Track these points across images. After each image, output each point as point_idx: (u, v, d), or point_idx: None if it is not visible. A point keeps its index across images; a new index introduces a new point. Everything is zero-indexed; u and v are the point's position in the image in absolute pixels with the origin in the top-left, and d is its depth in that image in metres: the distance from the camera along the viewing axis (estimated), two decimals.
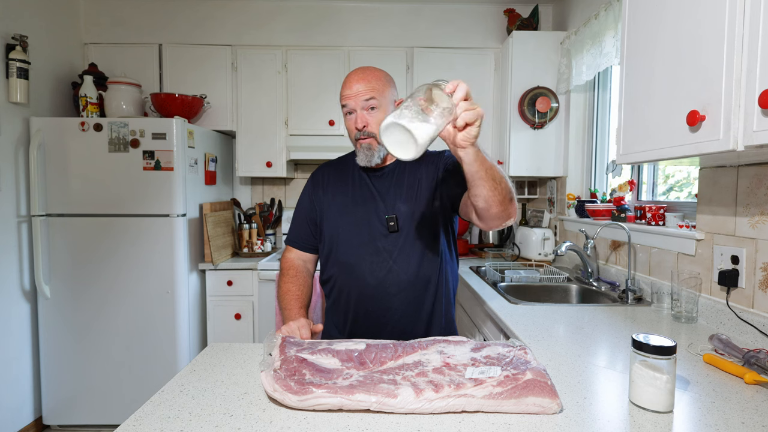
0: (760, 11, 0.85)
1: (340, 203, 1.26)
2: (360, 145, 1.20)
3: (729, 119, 0.91)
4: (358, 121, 1.17)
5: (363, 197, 1.24)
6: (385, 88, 1.19)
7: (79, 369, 2.32)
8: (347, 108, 1.19)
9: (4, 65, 2.20)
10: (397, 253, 1.19)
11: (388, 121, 0.75)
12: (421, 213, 1.20)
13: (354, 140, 1.21)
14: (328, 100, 2.76)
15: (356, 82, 1.17)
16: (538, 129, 2.57)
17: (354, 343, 0.97)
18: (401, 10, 2.85)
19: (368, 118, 1.17)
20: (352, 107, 1.18)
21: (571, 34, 2.37)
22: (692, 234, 1.46)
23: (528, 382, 0.78)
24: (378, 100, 1.17)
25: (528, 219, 2.97)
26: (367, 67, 1.22)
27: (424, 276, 1.21)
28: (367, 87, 1.16)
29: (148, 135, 2.28)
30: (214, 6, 2.79)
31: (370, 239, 1.20)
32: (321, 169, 1.36)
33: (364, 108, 1.17)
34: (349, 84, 1.18)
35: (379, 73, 1.20)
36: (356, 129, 1.18)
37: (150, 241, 2.31)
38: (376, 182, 1.25)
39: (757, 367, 0.96)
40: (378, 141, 1.18)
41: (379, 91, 1.17)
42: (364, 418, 0.75)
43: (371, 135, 1.18)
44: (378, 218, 1.21)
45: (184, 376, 0.93)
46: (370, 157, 1.20)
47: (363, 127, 1.17)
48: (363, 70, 1.20)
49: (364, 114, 1.17)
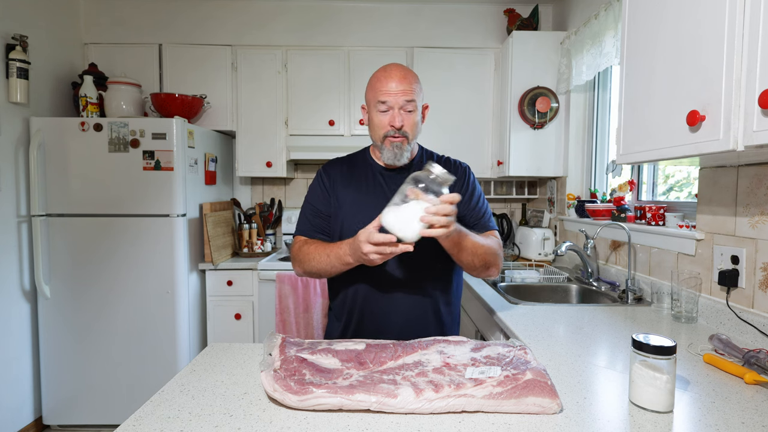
0: (760, 11, 0.85)
1: (354, 201, 1.24)
2: (390, 143, 1.19)
3: (729, 119, 0.91)
4: (396, 120, 1.17)
5: (377, 197, 1.22)
6: (420, 91, 1.21)
7: (79, 369, 2.32)
8: (387, 104, 1.17)
9: (4, 65, 2.20)
10: (408, 258, 1.17)
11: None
12: None
13: (382, 137, 1.20)
14: (328, 100, 2.76)
15: (399, 80, 1.17)
16: (538, 129, 2.57)
17: (354, 343, 0.97)
18: (401, 10, 2.85)
19: (405, 118, 1.18)
20: (391, 104, 1.17)
21: (571, 34, 2.37)
22: (692, 234, 1.46)
23: (528, 382, 0.78)
24: (415, 103, 1.18)
25: (528, 219, 2.97)
26: (403, 66, 1.22)
27: (432, 282, 1.21)
28: (408, 88, 1.17)
29: (148, 135, 2.28)
30: (214, 6, 2.80)
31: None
32: (334, 165, 1.33)
33: (403, 108, 1.17)
34: (389, 80, 1.17)
35: (415, 76, 1.21)
36: (391, 126, 1.18)
37: (150, 241, 2.31)
38: (391, 183, 1.24)
39: (757, 367, 0.96)
40: (408, 141, 1.20)
41: (417, 93, 1.19)
42: (364, 418, 0.75)
43: (404, 135, 1.18)
44: None
45: (184, 376, 0.93)
46: (399, 156, 1.20)
47: (401, 126, 1.17)
48: (402, 69, 1.20)
49: (402, 113, 1.18)
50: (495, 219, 2.84)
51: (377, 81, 1.19)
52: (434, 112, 2.74)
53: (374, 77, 1.21)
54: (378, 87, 1.18)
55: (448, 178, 0.97)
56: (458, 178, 1.28)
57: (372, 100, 1.20)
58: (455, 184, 1.26)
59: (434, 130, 2.73)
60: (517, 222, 3.09)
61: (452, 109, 2.76)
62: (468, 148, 2.78)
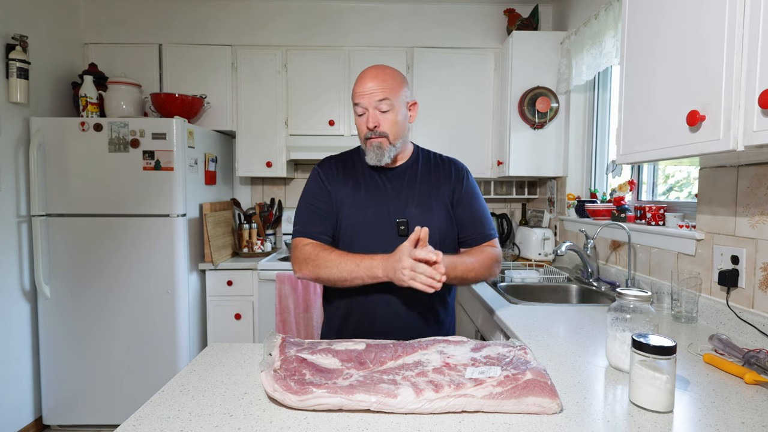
0: (760, 11, 0.85)
1: (353, 200, 1.22)
2: (370, 144, 1.18)
3: (729, 119, 0.91)
4: (370, 121, 1.16)
5: (375, 196, 1.21)
6: (398, 88, 1.18)
7: (79, 369, 2.32)
8: (361, 106, 1.17)
9: (4, 65, 2.20)
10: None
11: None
12: (431, 220, 1.18)
13: (364, 139, 1.20)
14: (328, 100, 2.76)
15: (370, 80, 1.15)
16: (538, 129, 2.57)
17: (354, 343, 0.97)
18: (401, 10, 2.85)
19: (380, 119, 1.16)
20: (364, 106, 1.16)
21: (571, 34, 2.37)
22: (692, 234, 1.46)
23: (528, 382, 0.78)
24: (391, 101, 1.16)
25: (528, 219, 2.97)
26: (381, 65, 1.20)
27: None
28: (381, 87, 1.15)
29: (148, 135, 2.28)
30: (214, 6, 2.79)
31: (380, 241, 1.17)
32: (330, 162, 1.29)
33: (377, 108, 1.16)
34: (362, 82, 1.16)
35: (394, 73, 1.19)
36: (367, 128, 1.17)
37: (150, 241, 2.31)
38: (388, 182, 1.23)
39: (757, 367, 0.96)
40: (389, 141, 1.17)
41: (392, 91, 1.16)
42: (364, 418, 0.75)
43: (383, 135, 1.16)
44: (389, 220, 1.19)
45: (184, 376, 0.93)
46: (380, 157, 1.18)
47: (374, 127, 1.16)
48: (377, 68, 1.18)
49: (376, 114, 1.16)
50: (495, 219, 2.84)
51: (355, 84, 1.19)
52: (434, 112, 2.74)
53: (355, 80, 1.21)
54: (354, 90, 1.18)
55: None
56: (457, 179, 1.26)
57: (353, 104, 1.20)
58: (455, 184, 1.26)
59: (434, 129, 2.74)
60: (517, 222, 3.09)
61: (452, 109, 2.76)
62: (468, 148, 2.78)
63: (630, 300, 0.96)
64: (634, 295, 0.95)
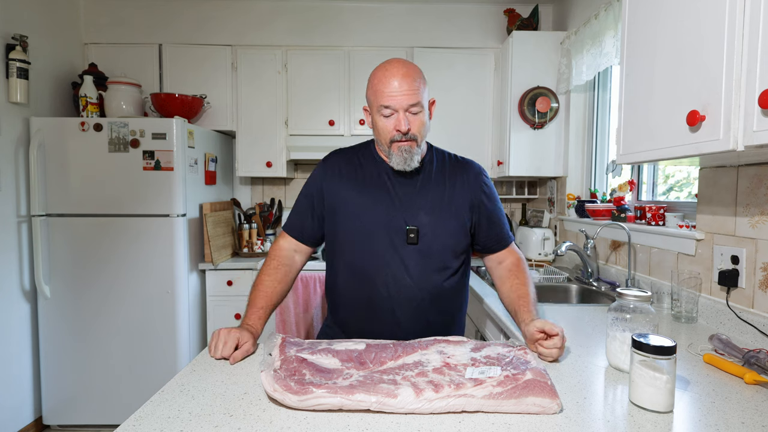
0: (760, 11, 0.85)
1: (356, 201, 1.15)
2: (397, 148, 1.10)
3: (729, 119, 0.91)
4: (402, 124, 1.08)
5: (382, 199, 1.15)
6: (424, 87, 1.12)
7: (79, 369, 2.32)
8: (391, 108, 1.08)
9: (4, 65, 2.20)
10: (413, 268, 1.12)
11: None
12: (442, 229, 1.14)
13: (389, 141, 1.11)
14: (329, 100, 2.76)
15: (400, 79, 1.06)
16: (538, 129, 2.57)
17: (354, 343, 0.97)
18: (401, 10, 2.85)
19: (411, 121, 1.09)
20: (396, 108, 1.08)
21: (571, 34, 2.37)
22: (692, 234, 1.46)
23: (528, 382, 0.78)
24: (422, 104, 1.10)
25: (528, 219, 2.97)
26: (403, 61, 1.11)
27: (438, 294, 1.16)
28: (412, 87, 1.07)
29: (148, 135, 2.28)
30: (214, 6, 2.79)
31: (386, 248, 1.13)
32: (335, 157, 1.23)
33: (408, 110, 1.08)
34: (389, 81, 1.07)
35: (418, 70, 1.11)
36: (397, 131, 1.09)
37: (150, 241, 2.31)
38: (398, 185, 1.16)
39: (757, 367, 0.96)
40: (418, 143, 1.11)
41: (422, 92, 1.10)
42: (364, 418, 0.75)
43: (413, 138, 1.10)
44: (398, 226, 1.13)
45: (184, 376, 0.93)
46: (409, 161, 1.11)
47: (408, 130, 1.08)
48: (403, 65, 1.09)
49: (408, 116, 1.09)
50: None
51: (378, 82, 1.09)
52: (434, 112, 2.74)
53: (374, 77, 1.11)
54: (379, 89, 1.08)
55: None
56: (476, 183, 1.21)
57: (374, 104, 1.11)
58: (473, 189, 1.20)
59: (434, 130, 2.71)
60: (517, 222, 3.09)
61: (452, 109, 2.76)
62: (468, 148, 2.77)
63: (630, 300, 0.96)
64: (634, 295, 0.95)
